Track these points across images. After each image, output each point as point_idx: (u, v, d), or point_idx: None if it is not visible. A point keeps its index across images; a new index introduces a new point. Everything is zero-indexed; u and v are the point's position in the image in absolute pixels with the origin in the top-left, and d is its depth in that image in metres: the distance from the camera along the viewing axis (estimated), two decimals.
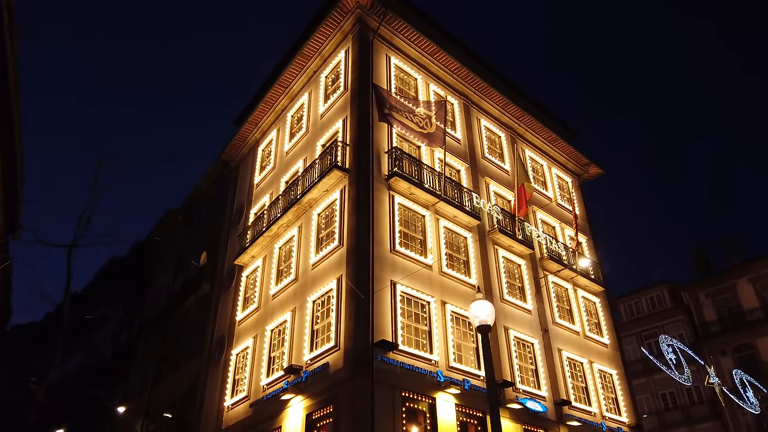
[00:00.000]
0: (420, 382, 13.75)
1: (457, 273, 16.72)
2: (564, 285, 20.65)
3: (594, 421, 18.06)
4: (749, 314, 34.93)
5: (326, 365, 13.60)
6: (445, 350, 14.88)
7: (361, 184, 15.53)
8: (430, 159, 18.42)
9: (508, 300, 17.87)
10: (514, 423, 15.50)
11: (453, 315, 15.80)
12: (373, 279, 14.12)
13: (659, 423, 36.40)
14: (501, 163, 21.58)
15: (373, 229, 14.92)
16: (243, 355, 17.73)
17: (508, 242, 19.03)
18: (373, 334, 13.31)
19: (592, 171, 26.14)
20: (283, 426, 14.32)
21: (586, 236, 23.61)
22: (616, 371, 20.32)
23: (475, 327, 8.64)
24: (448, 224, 17.46)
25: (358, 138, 16.42)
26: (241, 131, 23.55)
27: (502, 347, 16.67)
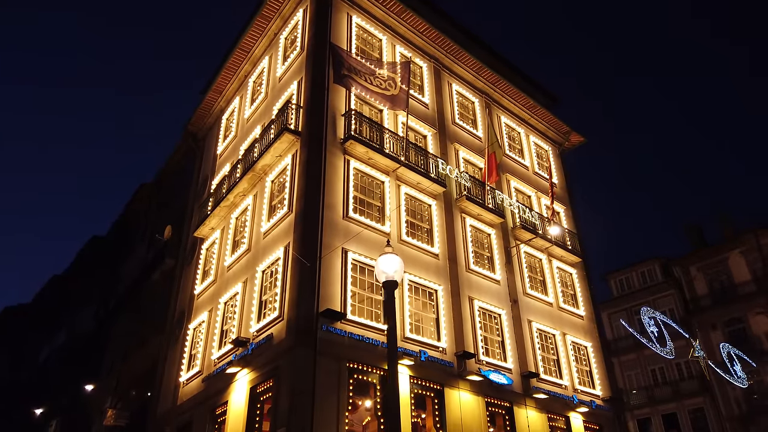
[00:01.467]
0: (371, 353, 13.09)
1: (418, 242, 15.95)
2: (538, 255, 19.88)
3: (565, 394, 17.43)
4: (741, 287, 34.16)
5: (270, 336, 12.94)
6: (401, 320, 14.18)
7: (313, 147, 14.70)
8: (394, 123, 17.53)
9: (474, 270, 17.12)
10: (475, 395, 14.88)
11: (411, 284, 15.08)
12: (321, 246, 13.37)
13: (648, 398, 35.96)
14: (473, 130, 20.66)
15: (324, 195, 14.13)
16: (198, 330, 17.13)
17: (477, 211, 18.22)
18: (318, 303, 12.61)
19: (574, 139, 25.16)
20: (229, 400, 13.74)
21: (565, 206, 22.76)
22: (592, 344, 19.65)
23: (381, 282, 7.86)
24: (411, 191, 16.65)
25: (312, 100, 15.54)
26: (205, 100, 22.67)
27: (466, 318, 15.98)
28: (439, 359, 14.47)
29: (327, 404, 11.70)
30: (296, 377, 11.60)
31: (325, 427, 11.45)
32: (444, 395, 14.18)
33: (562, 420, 17.10)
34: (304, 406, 11.28)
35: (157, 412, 17.91)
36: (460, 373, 14.74)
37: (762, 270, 33.81)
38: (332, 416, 11.69)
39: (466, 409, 14.46)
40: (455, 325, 15.51)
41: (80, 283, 36.61)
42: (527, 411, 15.96)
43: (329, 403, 11.76)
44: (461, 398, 14.48)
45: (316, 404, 11.46)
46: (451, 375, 14.59)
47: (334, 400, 11.90)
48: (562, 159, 24.70)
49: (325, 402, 11.69)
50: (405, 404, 13.16)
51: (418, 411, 14.41)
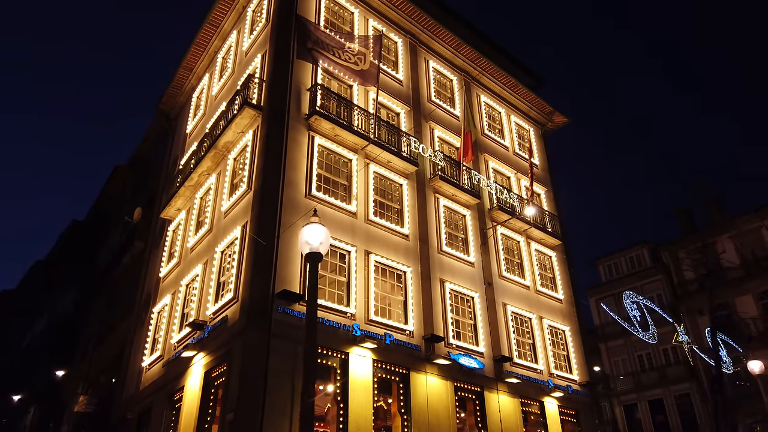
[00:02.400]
0: (331, 336, 12.58)
1: (386, 222, 15.39)
2: (515, 237, 19.34)
3: (540, 378, 17.00)
4: (729, 272, 33.72)
5: (225, 319, 12.42)
6: (365, 302, 13.67)
7: (274, 123, 14.07)
8: (365, 100, 16.88)
9: (446, 251, 16.58)
10: (444, 380, 14.42)
11: (378, 266, 14.55)
12: (280, 225, 12.80)
13: (635, 384, 35.71)
14: (450, 108, 20.01)
15: (284, 172, 13.53)
16: (162, 313, 16.59)
17: (452, 191, 17.65)
18: (274, 284, 12.06)
19: (557, 120, 24.52)
20: (185, 385, 13.25)
21: (546, 188, 22.19)
22: (570, 327, 19.20)
23: (303, 254, 7.29)
24: (380, 170, 16.05)
25: (275, 74, 14.87)
26: (175, 78, 21.93)
27: (436, 301, 15.47)
28: (405, 342, 13.99)
29: (281, 389, 11.19)
30: (248, 361, 11.09)
31: (278, 412, 10.96)
32: (410, 379, 13.71)
33: (536, 405, 16.69)
34: (254, 391, 10.78)
35: (122, 397, 17.45)
36: (427, 356, 14.27)
37: (751, 254, 33.39)
38: (286, 401, 11.20)
39: (433, 394, 14.01)
40: (424, 307, 15.01)
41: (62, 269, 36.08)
42: (499, 396, 15.52)
43: (283, 387, 11.26)
44: (428, 382, 14.02)
45: (269, 389, 10.96)
46: (419, 359, 14.12)
47: (289, 385, 11.39)
48: (544, 140, 24.08)
49: (279, 386, 11.19)
50: (367, 388, 12.71)
51: (383, 396, 13.98)
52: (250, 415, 10.52)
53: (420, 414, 13.44)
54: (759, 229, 33.01)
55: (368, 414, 12.40)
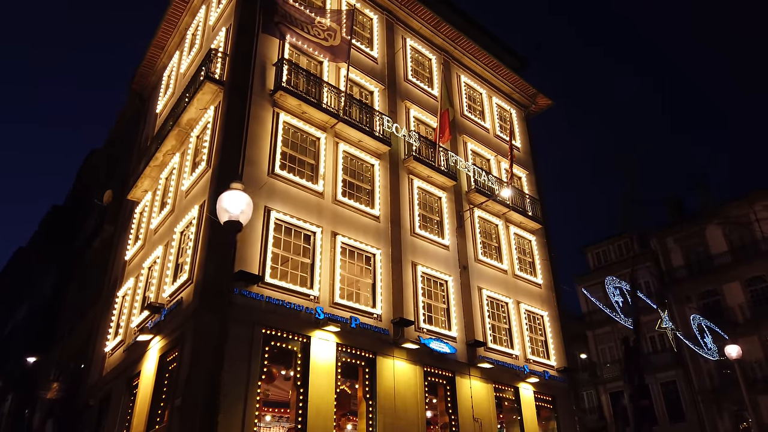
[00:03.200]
0: (292, 319, 12.12)
1: (356, 203, 14.89)
2: (493, 221, 18.87)
3: (515, 364, 16.62)
4: (717, 259, 33.41)
5: (180, 301, 11.94)
6: (331, 285, 13.20)
7: (236, 98, 13.50)
8: (336, 77, 16.28)
9: (420, 234, 16.11)
10: (413, 364, 14.01)
11: (346, 247, 14.07)
12: None
13: (621, 371, 35.45)
14: (428, 88, 19.42)
15: (245, 149, 12.98)
16: (125, 297, 16.10)
17: (427, 172, 17.13)
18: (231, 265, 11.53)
19: (541, 102, 23.96)
20: (142, 370, 12.79)
21: (527, 171, 21.69)
22: (548, 312, 18.80)
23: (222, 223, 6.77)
24: (351, 149, 15.51)
25: (238, 47, 14.27)
26: (146, 57, 21.24)
27: (407, 284, 15.02)
28: (372, 326, 13.55)
29: (235, 374, 10.74)
30: (200, 344, 10.62)
31: (232, 398, 10.51)
32: (376, 364, 13.29)
33: (511, 391, 16.32)
34: (205, 375, 10.27)
35: (88, 384, 17.02)
36: (395, 341, 13.84)
37: (739, 241, 33.06)
38: (240, 386, 10.76)
39: (401, 379, 13.60)
40: (394, 291, 14.56)
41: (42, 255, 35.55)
42: (471, 381, 15.13)
43: (238, 372, 10.81)
44: (396, 367, 13.60)
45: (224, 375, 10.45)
46: (386, 343, 13.69)
47: (245, 369, 10.96)
48: (527, 122, 23.54)
49: (233, 371, 10.71)
50: (330, 373, 12.28)
51: (348, 380, 13.57)
52: (199, 401, 10.04)
53: (386, 399, 13.03)
54: (747, 215, 32.62)
55: (330, 399, 11.98)
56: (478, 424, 14.64)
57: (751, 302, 31.57)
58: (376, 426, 12.57)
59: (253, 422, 10.75)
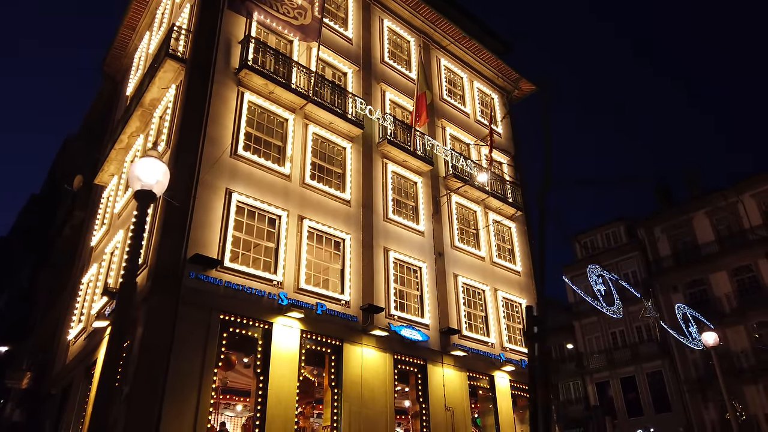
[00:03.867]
0: (253, 304, 11.71)
1: (325, 186, 14.44)
2: (472, 207, 18.47)
3: (490, 352, 16.28)
4: (704, 248, 33.16)
5: (135, 286, 11.46)
6: (296, 270, 12.78)
7: (198, 76, 12.99)
8: (307, 57, 15.77)
9: (393, 219, 15.69)
10: (382, 352, 13.63)
11: (313, 232, 13.63)
12: (197, 185, 11.81)
13: (607, 362, 35.33)
14: (406, 71, 18.91)
15: (206, 129, 12.49)
16: (89, 284, 15.64)
17: (402, 156, 16.69)
18: (186, 248, 11.12)
19: (525, 88, 23.48)
20: (98, 359, 12.35)
21: (509, 157, 21.26)
22: (527, 300, 18.44)
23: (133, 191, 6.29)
24: (321, 131, 15.03)
25: (201, 23, 13.75)
26: (117, 38, 20.64)
27: (379, 270, 14.62)
28: (340, 313, 13.16)
29: (189, 360, 10.34)
30: (149, 329, 10.20)
31: (185, 385, 10.11)
32: (343, 351, 12.90)
33: (486, 379, 15.99)
34: (155, 362, 9.90)
35: (53, 373, 16.59)
36: (364, 328, 13.45)
37: (726, 231, 32.80)
38: (194, 374, 10.34)
39: (370, 367, 13.22)
40: (364, 277, 14.15)
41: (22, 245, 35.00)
42: (444, 369, 14.78)
43: (192, 359, 10.40)
44: (364, 355, 13.22)
45: (174, 360, 10.08)
46: (354, 330, 13.30)
47: (199, 355, 10.54)
48: (511, 108, 23.07)
49: (187, 358, 10.33)
50: (292, 361, 11.88)
51: (314, 368, 13.20)
52: (147, 388, 9.66)
53: (352, 387, 12.66)
54: (735, 204, 32.35)
55: (292, 387, 11.58)
56: (450, 413, 14.30)
57: (738, 292, 31.37)
58: (340, 415, 12.21)
59: (208, 411, 10.36)
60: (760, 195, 31.55)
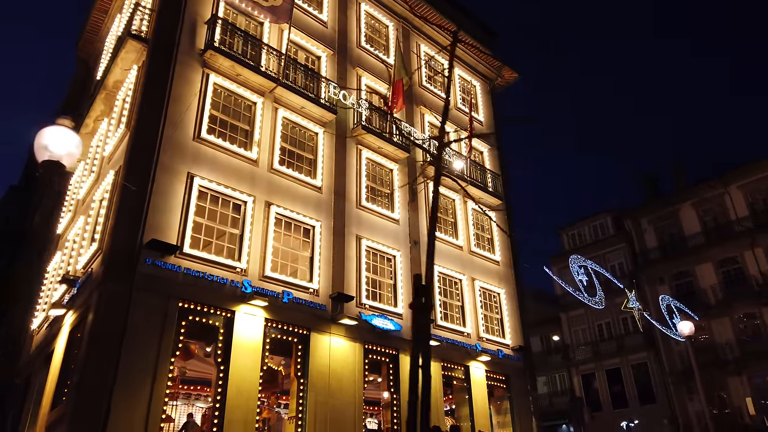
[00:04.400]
0: (215, 292, 11.35)
1: (295, 172, 14.06)
2: (450, 195, 18.14)
3: (466, 342, 16.01)
4: (690, 240, 33.00)
5: (91, 273, 11.11)
6: (262, 257, 12.42)
7: (161, 56, 12.55)
8: (278, 40, 15.32)
9: (366, 206, 15.35)
10: (351, 341, 13.32)
11: (281, 218, 13.27)
12: (156, 169, 11.41)
13: (593, 353, 35.22)
14: (384, 56, 18.49)
15: (167, 111, 12.06)
16: (53, 271, 15.24)
17: (378, 143, 16.32)
18: (143, 233, 10.73)
19: (508, 76, 23.12)
20: (55, 348, 11.98)
21: (490, 146, 20.92)
22: (505, 290, 18.17)
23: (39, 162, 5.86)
24: (292, 116, 14.63)
25: (165, 3, 13.28)
26: (89, 22, 20.05)
27: (350, 258, 14.28)
28: (308, 301, 12.82)
29: (144, 349, 9.99)
30: (101, 317, 9.83)
31: (139, 374, 9.76)
32: (310, 340, 12.58)
33: (461, 369, 15.72)
34: (107, 351, 9.53)
35: (20, 363, 16.20)
36: (333, 316, 13.13)
37: (712, 222, 32.64)
38: (149, 362, 9.99)
39: (338, 356, 12.91)
40: (335, 265, 13.82)
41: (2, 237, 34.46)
42: None
43: (147, 347, 10.05)
44: (332, 344, 12.90)
45: (126, 349, 9.72)
46: (323, 319, 12.98)
47: (155, 344, 10.18)
48: (492, 96, 22.72)
49: (142, 346, 9.97)
50: (255, 350, 11.55)
51: (280, 358, 12.88)
52: (97, 377, 9.30)
53: (319, 377, 12.35)
54: (721, 195, 32.18)
55: (254, 377, 11.25)
56: None
57: (723, 284, 31.23)
58: (306, 405, 11.90)
59: (163, 400, 10.01)
60: (747, 186, 31.36)
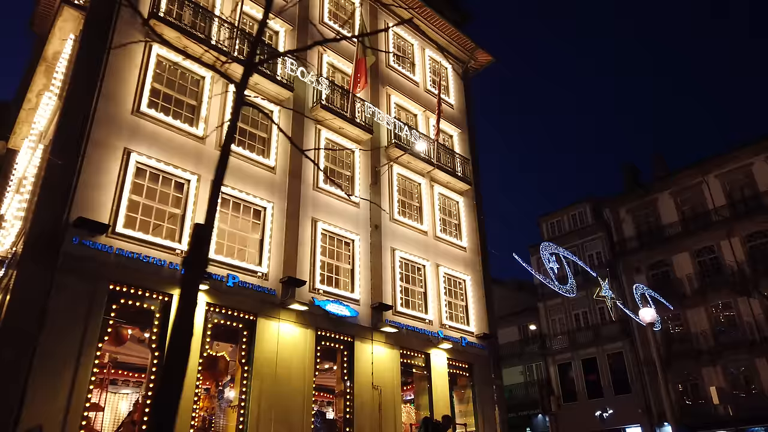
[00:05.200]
0: (152, 275, 10.74)
1: (246, 151, 13.43)
2: (416, 179, 17.58)
3: (427, 329, 15.54)
4: (667, 229, 32.80)
5: (14, 253, 10.43)
6: None
7: (97, 25, 11.81)
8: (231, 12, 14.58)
9: (323, 188, 14.75)
10: (303, 327, 12.78)
11: (229, 199, 12.66)
12: (87, 143, 10.72)
13: (570, 343, 35.06)
14: (348, 33, 17.79)
15: (102, 82, 11.35)
16: None
17: (339, 123, 15.69)
18: (69, 211, 10.07)
19: (482, 59, 22.51)
20: None
21: (460, 129, 20.36)
22: (472, 277, 17.72)
23: None
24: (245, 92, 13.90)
25: None
26: None
27: (304, 241, 13.70)
28: (255, 285, 12.24)
29: (64, 334, 9.36)
30: (20, 299, 9.18)
31: (59, 360, 9.15)
32: (257, 326, 12.02)
33: (421, 357, 15.26)
34: (21, 335, 8.90)
35: None
36: (283, 301, 12.56)
37: (690, 212, 32.43)
38: (72, 348, 9.38)
39: (288, 343, 12.37)
40: (287, 248, 13.24)
41: None
42: (373, 346, 13.99)
43: (69, 332, 9.43)
44: (281, 330, 12.35)
45: (46, 333, 9.09)
46: (272, 304, 12.41)
47: (80, 328, 9.56)
48: (466, 79, 22.13)
49: (62, 331, 9.35)
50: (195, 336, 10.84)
51: (224, 344, 12.30)
52: (11, 364, 8.66)
53: (265, 365, 11.80)
54: (699, 185, 31.96)
55: (192, 365, 10.62)
56: (378, 392, 13.55)
57: (699, 273, 31.08)
58: (249, 393, 11.36)
59: (87, 388, 9.41)
60: (725, 175, 31.15)
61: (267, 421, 11.32)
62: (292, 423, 11.74)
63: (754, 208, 29.15)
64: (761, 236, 29.07)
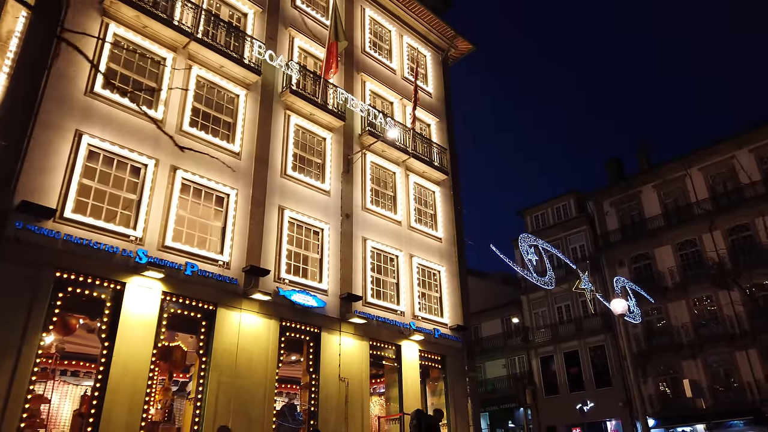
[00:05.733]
0: (102, 262, 10.29)
1: (209, 135, 12.97)
2: (390, 168, 17.20)
3: (399, 320, 15.21)
4: (650, 222, 32.71)
5: None
6: (162, 225, 11.38)
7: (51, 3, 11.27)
8: None
9: (292, 176, 14.33)
10: (267, 318, 12.39)
11: (189, 185, 12.21)
12: (35, 123, 10.24)
13: (552, 336, 34.98)
14: (323, 18, 17.34)
15: (53, 61, 10.85)
16: None
17: (309, 109, 15.26)
18: (13, 194, 9.60)
19: (462, 46, 22.12)
20: None
21: (439, 118, 19.99)
22: (446, 268, 17.40)
23: None
24: (209, 75, 13.48)
25: None
26: None
27: (270, 230, 13.29)
28: (215, 274, 11.84)
29: (4, 323, 8.92)
30: None
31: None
32: (216, 317, 11.62)
33: (392, 349, 14.94)
34: None
35: None
36: (245, 291, 12.17)
37: (673, 205, 32.34)
38: (14, 337, 8.94)
39: (249, 334, 11.98)
40: (251, 236, 12.82)
41: None
42: (341, 337, 13.64)
43: (8, 321, 8.98)
44: (242, 320, 11.96)
45: None
46: (233, 293, 12.01)
47: (22, 317, 9.12)
48: (445, 67, 21.73)
49: (2, 320, 8.90)
50: (148, 326, 10.55)
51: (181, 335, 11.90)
52: None
53: (225, 356, 11.41)
54: (683, 178, 31.86)
55: (144, 355, 10.27)
56: (345, 384, 13.22)
57: (681, 266, 31.03)
58: (206, 385, 10.98)
59: (29, 379, 8.98)
60: (708, 169, 31.05)
61: (225, 414, 10.95)
62: (252, 416, 11.37)
63: (736, 202, 29.08)
64: (743, 229, 29.04)
